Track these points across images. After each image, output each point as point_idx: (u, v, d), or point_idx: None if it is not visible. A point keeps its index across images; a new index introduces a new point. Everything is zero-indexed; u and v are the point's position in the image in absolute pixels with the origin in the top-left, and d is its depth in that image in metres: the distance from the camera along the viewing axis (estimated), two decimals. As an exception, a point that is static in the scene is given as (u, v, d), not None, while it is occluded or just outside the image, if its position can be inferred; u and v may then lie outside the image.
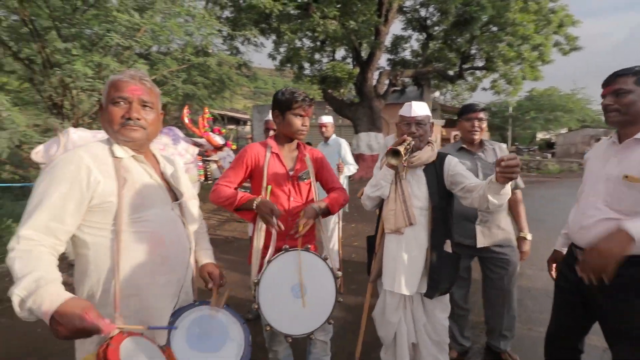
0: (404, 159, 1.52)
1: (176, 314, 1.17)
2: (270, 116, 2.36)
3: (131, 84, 1.10)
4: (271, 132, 2.35)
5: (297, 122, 1.60)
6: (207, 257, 1.37)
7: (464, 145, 2.11)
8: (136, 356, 0.92)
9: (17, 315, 0.85)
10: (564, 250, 1.67)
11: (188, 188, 1.30)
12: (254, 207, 1.52)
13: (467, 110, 2.08)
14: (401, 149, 1.44)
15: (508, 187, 1.35)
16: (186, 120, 3.57)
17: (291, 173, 1.66)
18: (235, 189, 1.64)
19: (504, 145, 2.14)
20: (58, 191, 0.96)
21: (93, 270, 1.04)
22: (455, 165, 1.63)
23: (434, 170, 1.64)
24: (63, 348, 2.37)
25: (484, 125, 2.07)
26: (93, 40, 4.80)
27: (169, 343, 1.10)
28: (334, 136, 3.55)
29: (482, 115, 2.05)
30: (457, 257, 1.62)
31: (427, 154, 1.63)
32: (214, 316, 1.23)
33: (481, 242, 2.03)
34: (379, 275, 1.73)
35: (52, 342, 2.49)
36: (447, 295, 1.66)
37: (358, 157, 11.18)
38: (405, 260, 1.60)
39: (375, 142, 11.00)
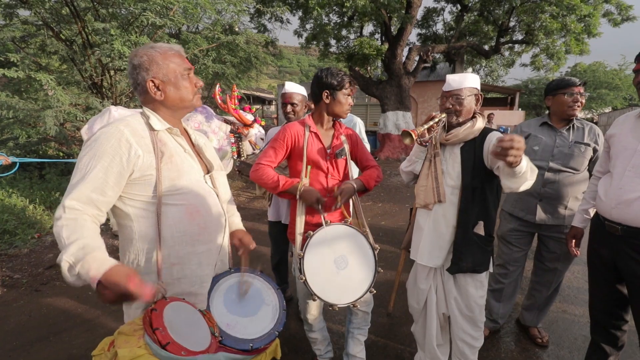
0: (421, 139, 1.56)
1: (213, 280, 1.22)
2: (286, 89, 2.31)
3: (184, 56, 1.16)
4: (289, 107, 2.30)
5: (346, 99, 1.65)
6: (236, 224, 1.42)
7: (548, 121, 2.03)
8: (178, 319, 0.98)
9: (66, 280, 0.89)
10: (582, 226, 1.74)
11: (216, 160, 1.33)
12: (298, 196, 1.59)
13: (569, 84, 1.94)
14: (420, 129, 1.47)
15: (523, 172, 1.23)
16: (218, 98, 3.63)
17: (328, 151, 1.69)
18: (275, 168, 1.70)
19: (597, 129, 1.98)
20: (100, 165, 0.99)
21: (137, 240, 1.09)
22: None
23: (473, 148, 1.56)
24: (112, 310, 2.59)
25: (584, 100, 1.96)
26: (129, 20, 4.90)
27: (209, 307, 1.16)
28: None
29: (582, 89, 1.94)
30: (486, 240, 1.57)
31: (466, 131, 1.55)
32: (249, 282, 1.29)
33: (541, 218, 2.00)
34: (409, 245, 1.79)
35: (102, 304, 2.73)
36: (483, 274, 1.62)
37: (385, 137, 10.99)
38: (431, 234, 1.62)
39: (403, 121, 10.71)
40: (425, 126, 1.50)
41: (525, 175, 1.26)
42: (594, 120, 26.35)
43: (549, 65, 11.18)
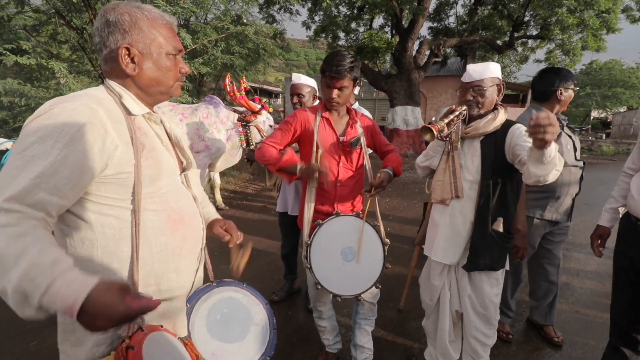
0: (441, 134, 1.46)
1: (192, 298, 1.03)
2: (294, 80, 2.34)
3: (175, 32, 0.94)
4: (295, 98, 2.30)
5: (326, 91, 1.55)
6: (212, 214, 1.17)
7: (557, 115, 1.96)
8: (159, 357, 0.77)
9: (19, 314, 0.63)
10: (610, 226, 1.67)
11: (191, 156, 1.09)
12: (298, 174, 1.55)
13: (573, 77, 1.90)
14: (440, 124, 1.39)
15: (552, 156, 1.16)
16: (228, 88, 3.61)
17: (342, 139, 1.63)
18: (280, 150, 1.67)
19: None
20: (60, 153, 0.71)
21: (100, 257, 0.81)
22: (518, 136, 1.46)
23: (493, 142, 1.50)
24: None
25: None
26: (139, 8, 4.88)
27: (189, 334, 0.98)
28: (357, 104, 3.22)
29: None
30: (505, 237, 1.51)
31: (487, 124, 1.49)
32: (234, 298, 1.14)
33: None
34: (423, 240, 1.76)
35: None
36: (499, 272, 1.58)
37: (393, 132, 10.89)
38: (447, 231, 1.58)
39: (411, 116, 10.59)
40: (446, 120, 1.43)
41: (554, 160, 1.17)
42: (608, 120, 25.80)
43: (564, 61, 10.92)
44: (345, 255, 1.53)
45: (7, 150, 2.98)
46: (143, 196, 0.84)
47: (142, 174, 0.83)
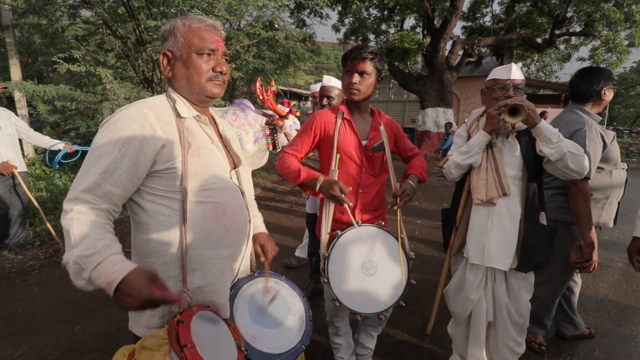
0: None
1: (235, 285, 1.11)
2: (324, 82, 2.37)
3: (214, 34, 1.00)
4: (325, 100, 2.32)
5: (346, 78, 1.48)
6: (257, 226, 1.27)
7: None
8: (205, 333, 0.86)
9: (74, 283, 0.78)
10: None
11: (242, 154, 1.20)
12: (317, 189, 1.42)
13: (613, 77, 1.84)
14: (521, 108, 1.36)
15: (544, 132, 1.36)
16: (258, 91, 3.72)
17: (364, 142, 1.52)
18: (302, 158, 1.58)
19: None
20: (119, 152, 0.85)
21: (153, 240, 0.94)
22: None
23: (528, 137, 1.49)
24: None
25: None
26: (177, 17, 5.17)
27: (233, 316, 1.05)
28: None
29: None
30: (553, 230, 1.49)
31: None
32: (274, 288, 1.19)
33: None
34: (459, 249, 1.66)
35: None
36: (533, 275, 1.54)
37: (423, 134, 10.67)
38: (497, 233, 1.50)
39: (443, 118, 10.33)
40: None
41: (562, 141, 1.35)
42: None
43: (610, 59, 10.18)
44: (366, 269, 1.40)
45: (59, 150, 3.26)
46: (190, 189, 0.95)
47: (188, 169, 0.94)
